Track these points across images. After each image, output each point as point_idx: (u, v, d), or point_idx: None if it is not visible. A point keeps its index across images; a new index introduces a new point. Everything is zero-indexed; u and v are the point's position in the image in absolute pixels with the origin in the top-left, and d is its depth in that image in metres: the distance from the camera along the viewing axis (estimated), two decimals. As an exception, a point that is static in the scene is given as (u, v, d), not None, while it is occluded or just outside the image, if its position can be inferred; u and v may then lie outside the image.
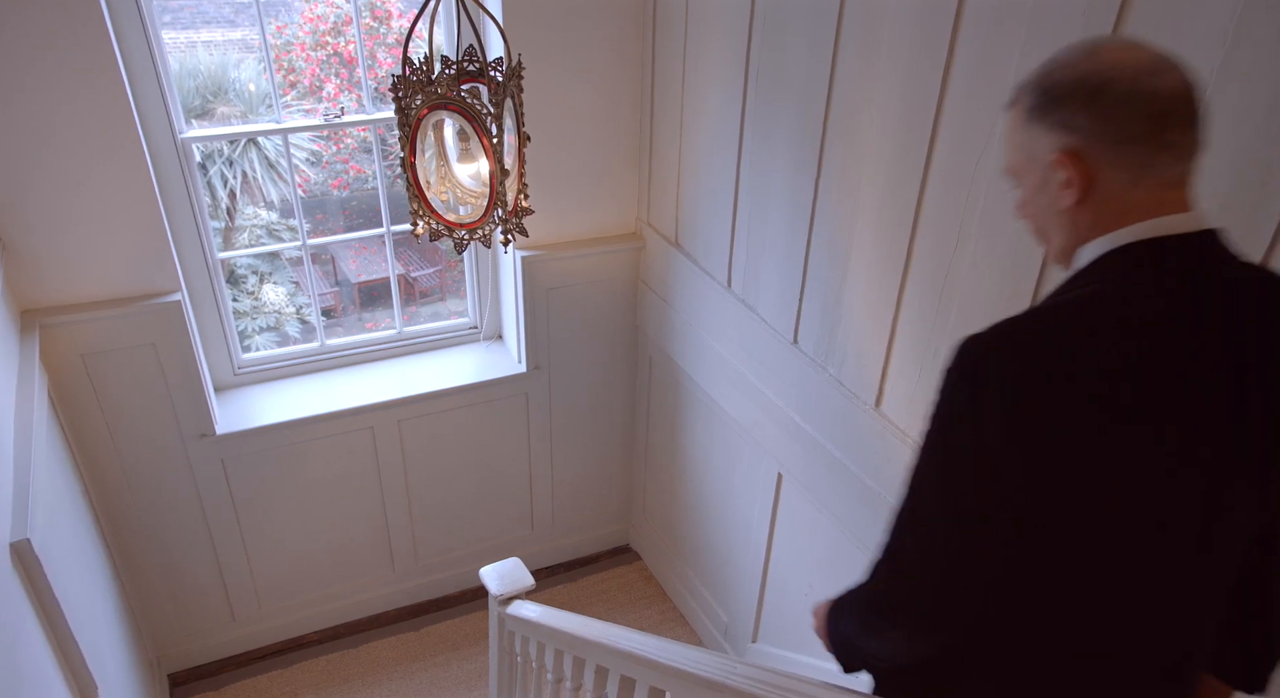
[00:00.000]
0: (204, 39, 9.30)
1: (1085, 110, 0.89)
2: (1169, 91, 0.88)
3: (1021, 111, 0.97)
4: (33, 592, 1.82)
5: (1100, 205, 0.93)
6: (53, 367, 2.45)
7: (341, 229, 9.94)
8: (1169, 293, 0.91)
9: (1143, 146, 0.89)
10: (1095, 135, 0.90)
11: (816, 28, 2.02)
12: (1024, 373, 0.90)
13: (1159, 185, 0.91)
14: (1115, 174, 0.91)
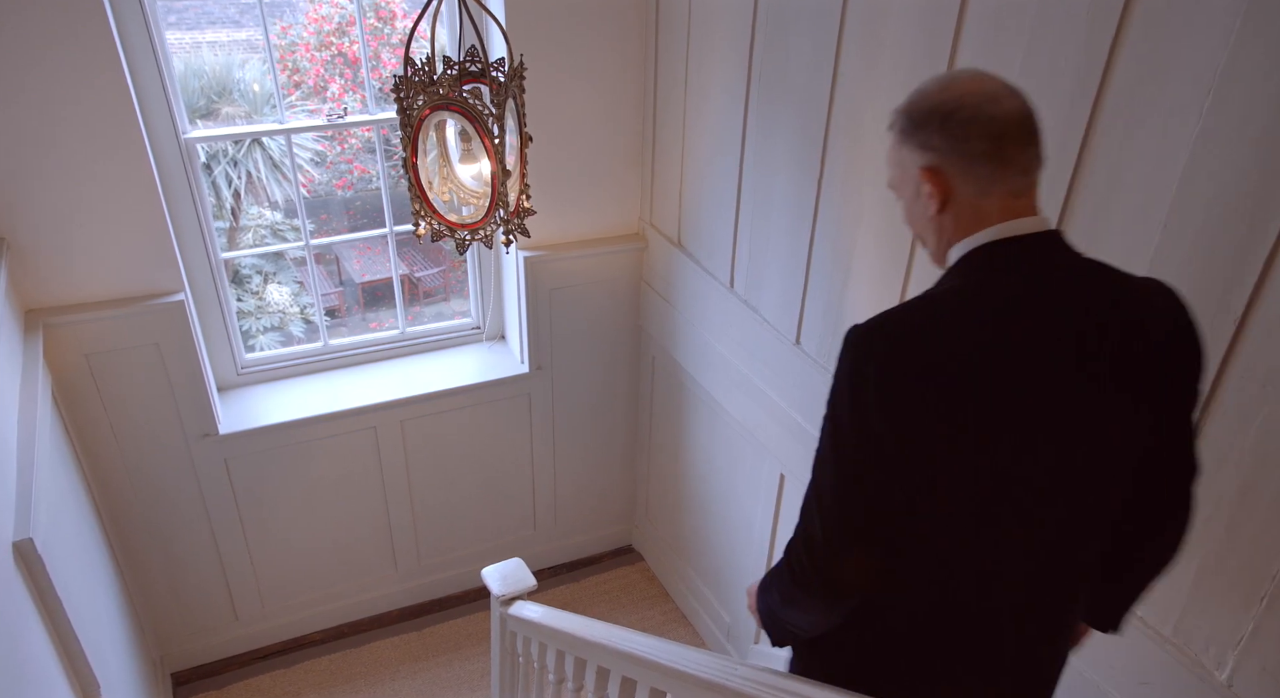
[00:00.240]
0: (209, 39, 9.31)
1: (939, 133, 1.06)
2: (1006, 116, 1.03)
3: (895, 134, 1.13)
4: (35, 591, 1.82)
5: (959, 213, 1.09)
6: (56, 366, 2.45)
7: (346, 229, 9.95)
8: (1016, 284, 1.06)
9: (987, 163, 1.05)
10: (948, 154, 1.06)
11: (819, 28, 2.01)
12: (895, 359, 1.03)
13: (1006, 195, 1.06)
14: (967, 187, 1.07)
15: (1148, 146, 1.38)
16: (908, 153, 1.11)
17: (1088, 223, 1.50)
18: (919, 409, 1.03)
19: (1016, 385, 1.03)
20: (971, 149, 1.04)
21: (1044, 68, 1.51)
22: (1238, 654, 1.41)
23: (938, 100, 1.06)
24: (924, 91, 1.09)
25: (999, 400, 1.03)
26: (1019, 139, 1.04)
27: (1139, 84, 1.37)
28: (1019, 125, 1.04)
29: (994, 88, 1.05)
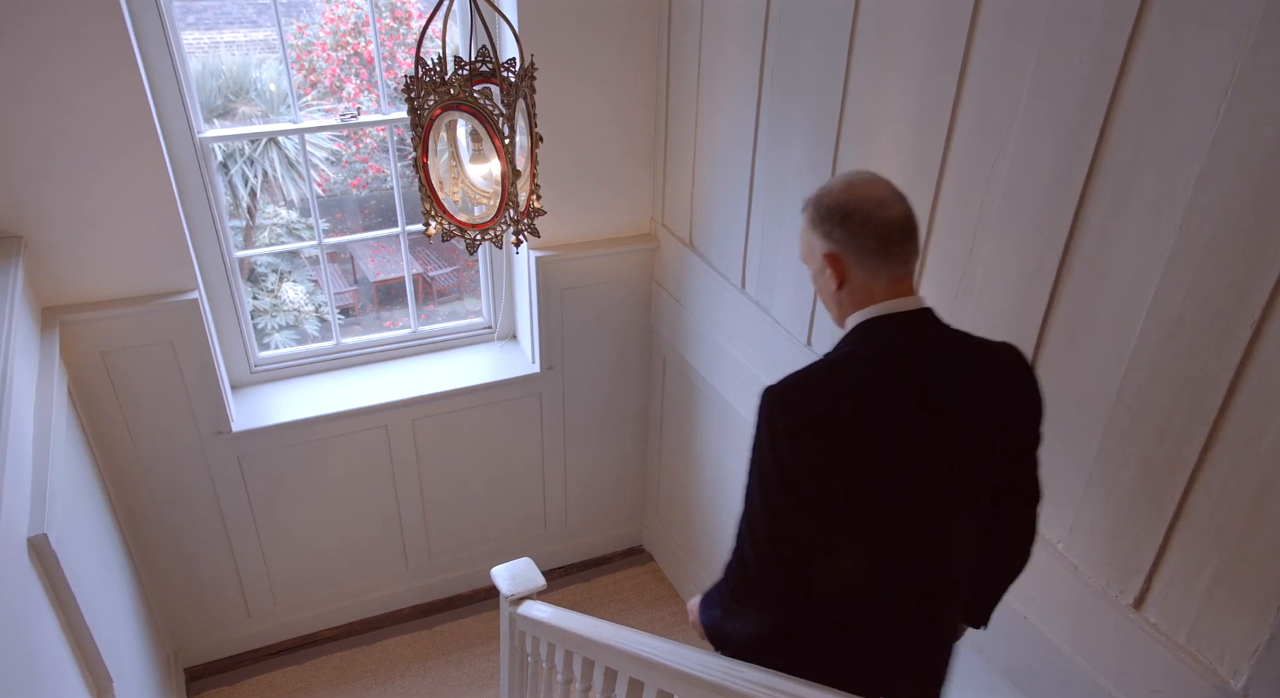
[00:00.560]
0: (227, 39, 9.38)
1: (839, 228, 1.30)
2: (892, 220, 1.29)
3: (805, 219, 1.37)
4: (49, 586, 1.84)
5: (853, 290, 1.34)
6: (72, 364, 2.48)
7: (360, 228, 10.01)
8: (897, 350, 1.32)
9: (876, 256, 1.30)
10: (845, 245, 1.31)
11: (831, 29, 2.00)
12: (801, 411, 1.29)
13: (890, 280, 1.32)
14: (859, 272, 1.32)
15: (1162, 149, 1.36)
16: (815, 238, 1.35)
17: (1101, 226, 1.49)
18: (821, 451, 1.28)
19: (898, 431, 1.29)
20: (864, 244, 1.30)
21: (1058, 69, 1.49)
22: (1254, 663, 1.39)
23: (840, 200, 1.31)
24: (830, 190, 1.34)
25: (883, 443, 1.29)
26: (901, 238, 1.30)
27: (1154, 85, 1.36)
28: (902, 227, 1.30)
29: (884, 194, 1.31)
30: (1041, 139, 1.55)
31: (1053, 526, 1.71)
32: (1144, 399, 1.48)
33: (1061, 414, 1.64)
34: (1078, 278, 1.55)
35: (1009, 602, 1.81)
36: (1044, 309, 1.62)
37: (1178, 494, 1.45)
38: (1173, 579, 1.50)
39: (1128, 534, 1.55)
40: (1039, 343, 1.65)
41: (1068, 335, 1.60)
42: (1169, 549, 1.50)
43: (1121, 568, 1.58)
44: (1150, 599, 1.54)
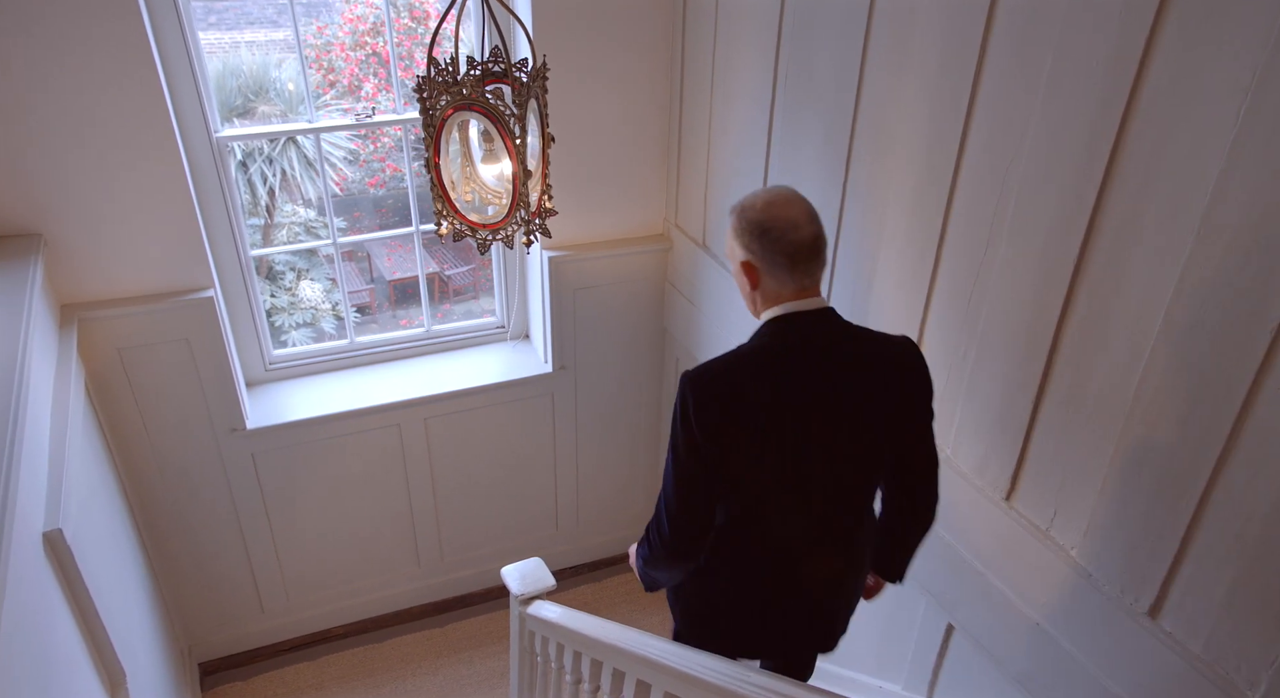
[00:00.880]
0: (247, 39, 9.46)
1: (756, 242, 1.49)
2: (802, 241, 1.47)
3: (730, 226, 1.54)
4: (64, 581, 1.86)
5: (765, 292, 1.53)
6: (90, 360, 2.50)
7: (377, 227, 10.06)
8: (798, 342, 1.51)
9: (785, 270, 1.49)
10: (760, 257, 1.50)
11: (845, 30, 1.99)
12: (710, 393, 1.48)
13: (797, 287, 1.51)
14: (770, 280, 1.51)
15: (1181, 150, 1.34)
16: (736, 245, 1.54)
17: (1117, 229, 1.47)
18: (725, 426, 1.48)
19: (798, 410, 1.50)
20: (775, 260, 1.49)
21: (1075, 69, 1.47)
22: (1272, 674, 1.36)
23: (759, 218, 1.48)
24: (753, 205, 1.50)
25: (780, 420, 1.49)
26: (808, 257, 1.49)
27: (1172, 86, 1.33)
28: (810, 247, 1.48)
29: (798, 216, 1.48)
30: (1058, 141, 1.53)
31: (1066, 531, 1.69)
32: (1161, 403, 1.45)
33: (1076, 417, 1.62)
34: (1094, 280, 1.53)
35: (1020, 608, 1.79)
36: (1059, 311, 1.60)
37: (1195, 500, 1.43)
38: (1190, 587, 1.47)
39: (1143, 541, 1.53)
40: (1054, 345, 1.63)
41: (1083, 337, 1.58)
42: (1186, 556, 1.47)
43: (1137, 575, 1.55)
44: (1166, 607, 1.52)
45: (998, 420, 1.80)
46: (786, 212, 1.47)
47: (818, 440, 1.52)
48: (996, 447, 1.82)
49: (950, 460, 1.95)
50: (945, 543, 1.98)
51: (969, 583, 1.94)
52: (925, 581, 2.08)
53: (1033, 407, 1.70)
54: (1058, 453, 1.68)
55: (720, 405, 1.47)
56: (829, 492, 1.59)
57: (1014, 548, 1.81)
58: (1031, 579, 1.77)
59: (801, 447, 1.51)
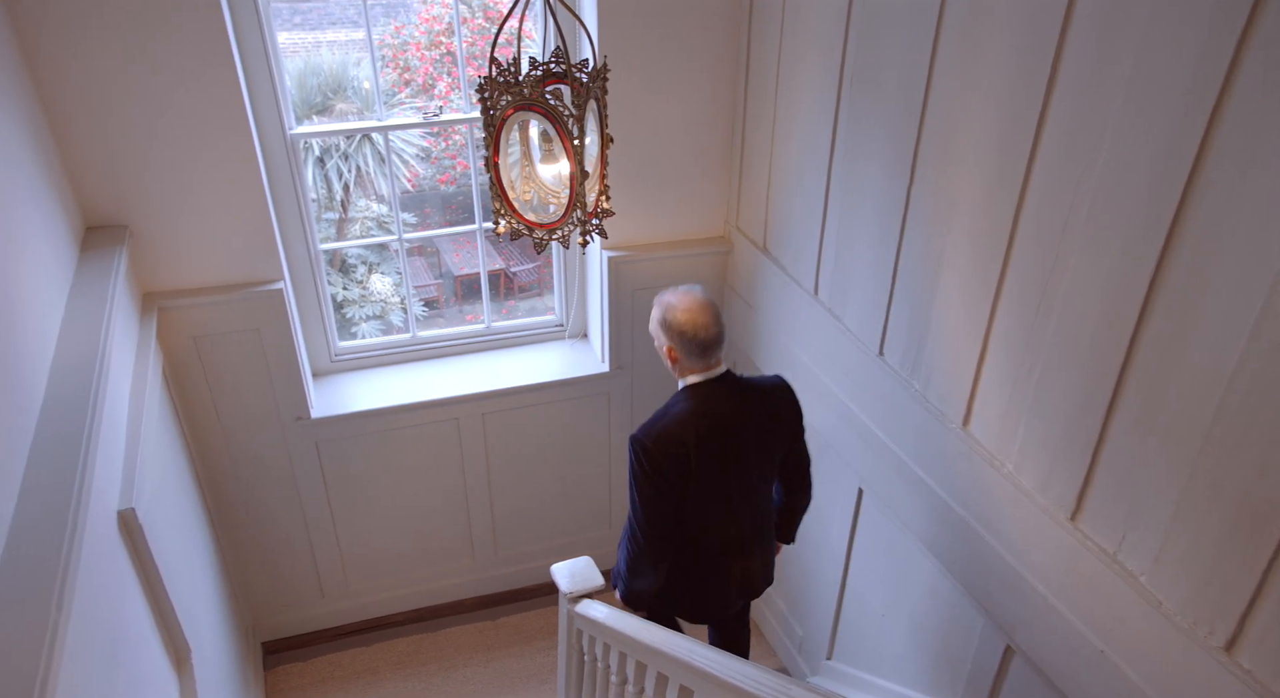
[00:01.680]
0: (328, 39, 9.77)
1: (676, 338, 2.11)
2: (710, 338, 2.10)
3: (656, 318, 2.17)
4: (135, 558, 1.94)
5: (682, 368, 2.16)
6: (168, 348, 2.61)
7: (447, 223, 10.26)
8: (709, 400, 2.14)
9: (697, 357, 2.12)
10: (678, 348, 2.12)
11: (915, 31, 1.94)
12: (655, 447, 2.09)
13: (705, 365, 2.15)
14: (687, 360, 2.14)
15: (1273, 157, 1.26)
16: (662, 336, 2.15)
17: (1199, 241, 1.38)
18: (667, 467, 2.09)
19: (716, 446, 2.13)
20: (691, 350, 2.11)
21: (1157, 73, 1.40)
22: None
23: (679, 320, 2.10)
24: (675, 309, 2.12)
25: (704, 456, 2.12)
26: (713, 348, 2.12)
27: (1266, 89, 1.25)
28: (715, 341, 2.11)
29: (709, 320, 2.10)
30: (1137, 148, 1.46)
31: (1135, 556, 1.62)
32: (1243, 426, 1.37)
33: (1148, 438, 1.54)
34: (1171, 295, 1.45)
35: (1084, 633, 1.72)
36: (1133, 326, 1.53)
37: (1279, 530, 1.34)
38: (1271, 622, 1.39)
39: (1220, 571, 1.45)
40: (1126, 362, 1.56)
41: (1158, 354, 1.50)
42: (1267, 589, 1.39)
43: (1212, 607, 1.47)
44: (1244, 642, 1.44)
45: (1063, 438, 1.73)
46: (700, 318, 2.09)
47: (732, 465, 2.18)
48: (1061, 465, 1.75)
49: (1012, 477, 1.88)
50: (1004, 561, 1.92)
51: (1029, 604, 1.87)
52: (982, 597, 2.02)
53: (1101, 426, 1.63)
54: (1127, 475, 1.61)
55: (662, 454, 2.09)
56: (743, 497, 2.26)
57: (1078, 571, 1.74)
58: (1096, 604, 1.70)
59: (721, 471, 2.17)
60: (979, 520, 1.99)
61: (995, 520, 1.94)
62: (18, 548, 1.44)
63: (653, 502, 2.12)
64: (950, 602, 2.19)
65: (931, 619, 2.30)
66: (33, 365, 1.75)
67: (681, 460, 2.08)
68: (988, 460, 1.94)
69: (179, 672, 2.14)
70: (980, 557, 2.00)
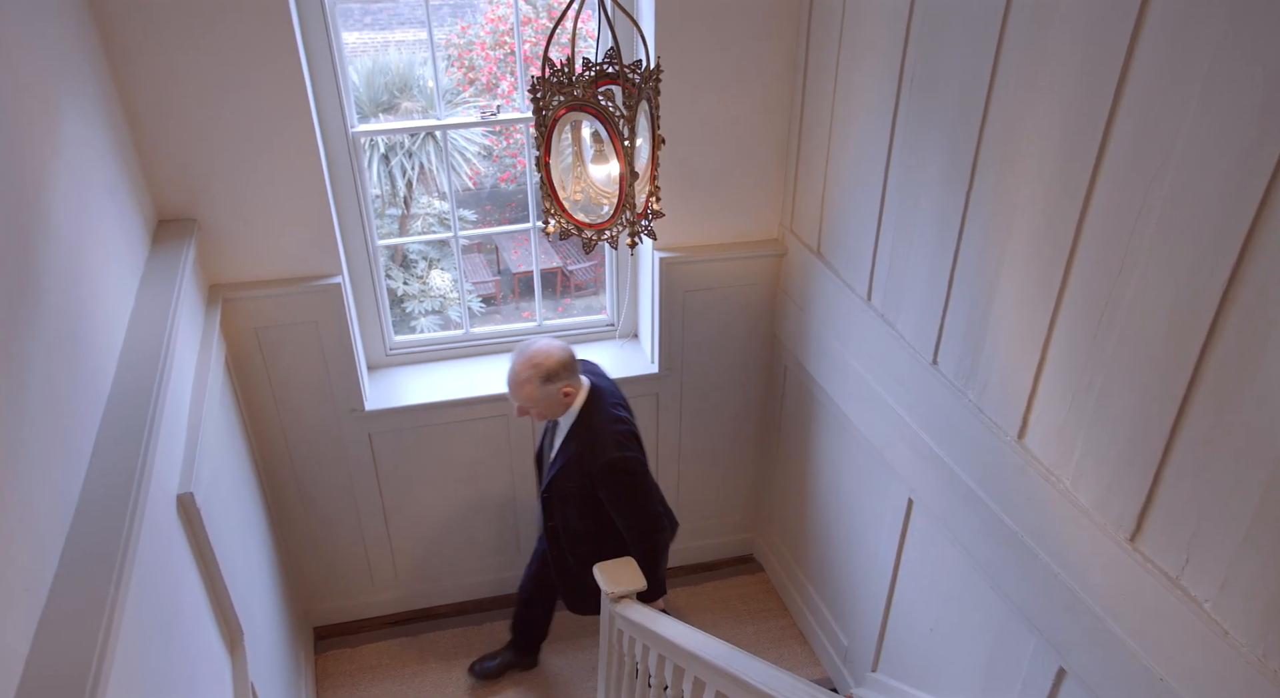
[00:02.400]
0: (397, 39, 9.98)
1: (566, 372, 2.41)
2: (576, 363, 2.47)
3: (537, 382, 2.39)
4: (193, 541, 2.01)
5: (573, 392, 2.46)
6: (231, 338, 2.70)
7: (506, 221, 10.39)
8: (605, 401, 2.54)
9: (575, 379, 2.46)
10: (568, 380, 2.42)
11: (977, 33, 1.88)
12: (639, 444, 2.54)
13: (578, 382, 2.48)
14: (574, 383, 2.46)
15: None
16: (550, 387, 2.40)
17: (1258, 289, 1.31)
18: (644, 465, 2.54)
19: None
20: (574, 375, 2.44)
21: (1235, 73, 1.33)
22: None
23: (559, 359, 2.39)
24: (550, 356, 2.39)
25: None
26: (576, 368, 2.46)
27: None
28: (575, 363, 2.46)
29: (554, 348, 2.41)
30: (1210, 154, 1.39)
31: (1199, 582, 1.54)
32: (1318, 451, 1.30)
33: (1217, 459, 1.47)
34: (1246, 307, 1.38)
35: (1142, 659, 1.65)
36: (1202, 341, 1.46)
37: (1353, 563, 1.27)
38: (1343, 659, 1.31)
39: (1290, 602, 1.37)
40: (1194, 378, 1.49)
41: (1229, 371, 1.43)
42: (1340, 624, 1.31)
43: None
44: (1314, 678, 1.36)
45: (1124, 455, 1.66)
46: (558, 351, 2.40)
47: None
48: (1121, 483, 1.68)
49: (1068, 493, 1.82)
50: (1058, 579, 1.85)
51: (1084, 626, 1.80)
52: (1034, 616, 1.95)
53: (1165, 444, 1.56)
54: (1193, 496, 1.53)
55: (641, 447, 2.53)
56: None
57: (1137, 594, 1.67)
58: (1156, 629, 1.63)
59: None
60: (1033, 537, 1.93)
61: (1050, 537, 1.88)
62: (82, 526, 1.50)
63: (653, 487, 2.59)
64: (1001, 619, 2.13)
65: (981, 636, 2.24)
66: (103, 352, 1.83)
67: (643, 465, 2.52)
68: (1044, 475, 1.87)
69: (231, 653, 2.21)
70: (1033, 574, 1.93)
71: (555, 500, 2.60)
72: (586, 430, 2.47)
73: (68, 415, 1.57)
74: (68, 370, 1.60)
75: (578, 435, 2.49)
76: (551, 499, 2.61)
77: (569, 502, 2.57)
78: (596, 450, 2.44)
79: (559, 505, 2.60)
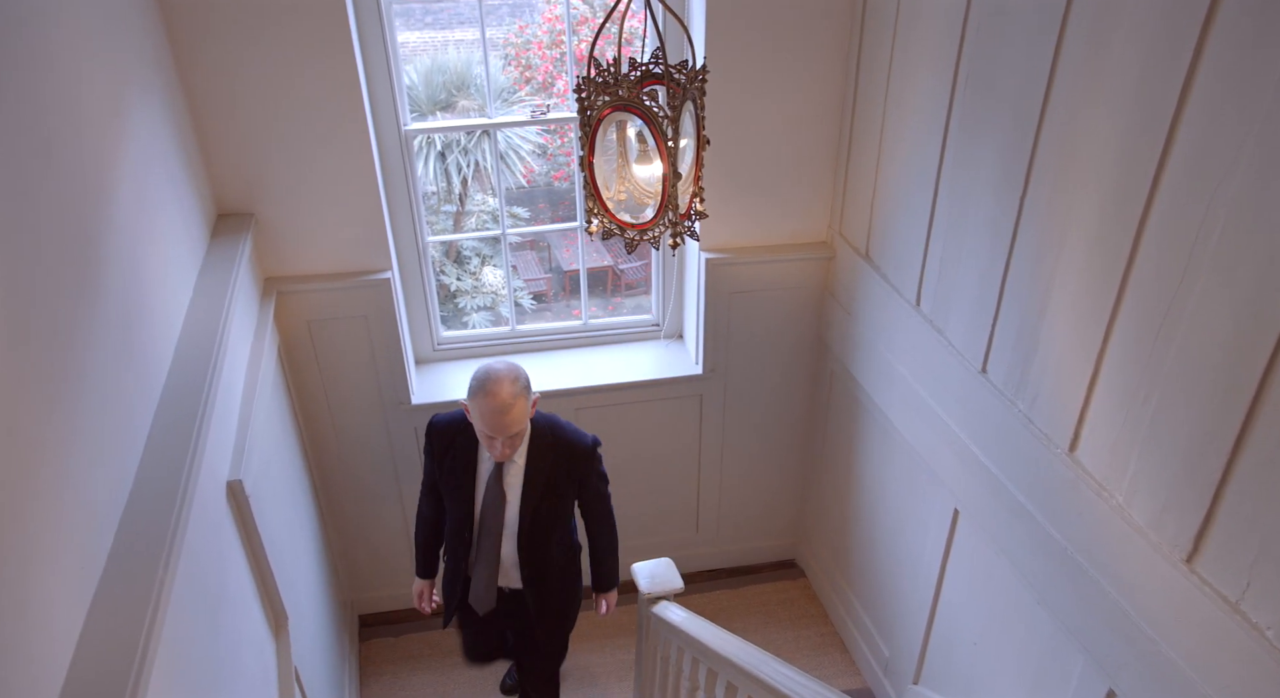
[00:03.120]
0: (456, 38, 10.12)
1: (528, 385, 2.21)
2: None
3: (525, 398, 2.18)
4: (241, 527, 2.06)
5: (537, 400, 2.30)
6: (284, 330, 2.77)
7: (560, 219, 10.46)
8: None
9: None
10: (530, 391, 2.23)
11: (1036, 33, 1.83)
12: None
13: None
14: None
15: None
16: (527, 400, 2.19)
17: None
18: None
19: None
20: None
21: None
22: None
23: (524, 377, 2.20)
24: (513, 368, 2.20)
25: None
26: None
27: None
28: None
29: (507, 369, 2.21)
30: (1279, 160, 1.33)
31: (1261, 608, 1.47)
32: (1391, 475, 1.23)
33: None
34: None
35: (1198, 686, 1.58)
36: (1267, 357, 1.39)
37: None
38: None
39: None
40: (1259, 394, 1.42)
41: (1296, 390, 1.36)
42: None
43: (1344, 672, 1.33)
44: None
45: (1181, 473, 1.59)
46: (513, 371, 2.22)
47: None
48: (1178, 501, 1.61)
49: (1121, 510, 1.75)
50: (1109, 598, 1.79)
51: (1136, 648, 1.74)
52: (1083, 635, 1.89)
53: (1226, 463, 1.49)
54: (1256, 517, 1.47)
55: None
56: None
57: (1193, 617, 1.60)
58: (1214, 656, 1.56)
59: None
60: (1083, 553, 1.86)
61: (1101, 555, 1.82)
62: (136, 509, 1.56)
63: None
64: (1048, 636, 2.06)
65: (1028, 653, 2.17)
66: (161, 339, 1.89)
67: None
68: (1095, 490, 1.81)
69: (276, 636, 2.26)
70: (1083, 592, 1.87)
71: (541, 530, 2.34)
72: (549, 432, 2.29)
73: (126, 400, 1.63)
74: (127, 356, 1.66)
75: (542, 444, 2.27)
76: (536, 532, 2.34)
77: (556, 521, 2.36)
78: (574, 440, 2.30)
79: (545, 532, 2.35)
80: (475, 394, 2.14)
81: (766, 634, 3.45)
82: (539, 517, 2.31)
